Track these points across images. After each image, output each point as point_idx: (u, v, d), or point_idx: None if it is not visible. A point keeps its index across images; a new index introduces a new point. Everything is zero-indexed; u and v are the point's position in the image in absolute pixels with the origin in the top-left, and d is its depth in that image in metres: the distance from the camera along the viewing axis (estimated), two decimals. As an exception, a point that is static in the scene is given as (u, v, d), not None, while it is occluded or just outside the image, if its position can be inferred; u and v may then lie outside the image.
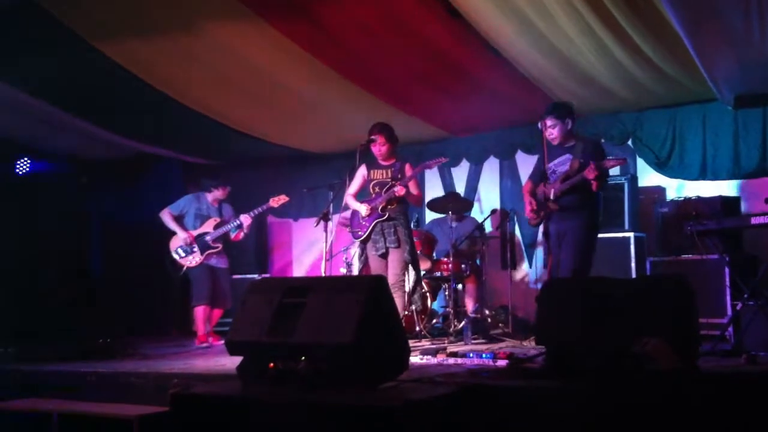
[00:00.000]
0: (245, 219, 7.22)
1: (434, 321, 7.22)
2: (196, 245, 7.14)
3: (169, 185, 9.10)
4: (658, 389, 3.20)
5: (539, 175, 5.83)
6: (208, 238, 7.19)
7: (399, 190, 6.00)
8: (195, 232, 7.18)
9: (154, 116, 7.52)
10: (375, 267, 6.24)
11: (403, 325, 4.67)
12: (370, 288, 3.48)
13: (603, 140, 7.06)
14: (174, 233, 7.20)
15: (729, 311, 5.61)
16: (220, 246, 7.26)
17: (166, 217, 7.24)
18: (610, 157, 5.47)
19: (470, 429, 3.34)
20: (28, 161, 8.67)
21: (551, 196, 5.51)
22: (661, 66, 6.02)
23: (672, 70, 6.11)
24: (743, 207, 6.75)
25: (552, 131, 5.58)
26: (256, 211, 7.29)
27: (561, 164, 5.60)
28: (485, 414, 3.35)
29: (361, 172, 6.38)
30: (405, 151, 6.66)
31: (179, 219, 7.26)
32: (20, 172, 8.66)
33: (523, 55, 6.04)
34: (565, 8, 5.13)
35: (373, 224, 6.16)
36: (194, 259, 7.13)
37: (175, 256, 7.17)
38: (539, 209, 5.66)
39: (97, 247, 9.48)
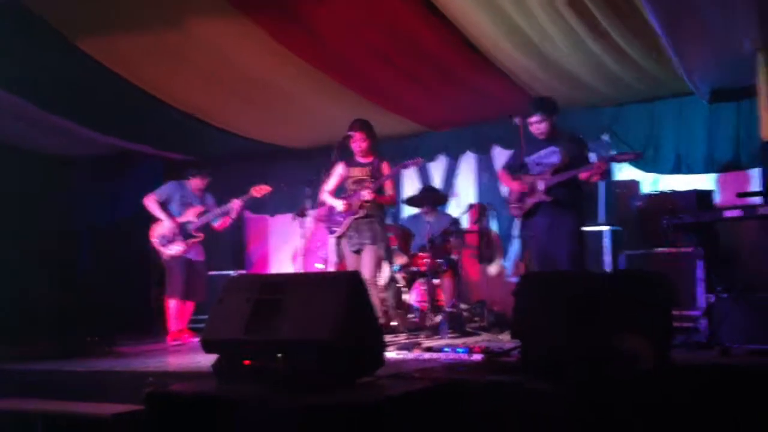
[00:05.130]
0: (236, 204, 7.00)
1: (410, 316, 7.22)
2: (179, 233, 6.96)
3: (151, 183, 8.98)
4: (637, 384, 3.22)
5: (517, 167, 5.86)
6: (191, 226, 7.00)
7: (366, 195, 5.99)
8: (179, 220, 6.99)
9: (134, 113, 7.41)
10: (350, 263, 6.22)
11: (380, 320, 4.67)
12: (348, 283, 3.47)
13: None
14: (157, 220, 6.99)
15: (702, 303, 5.65)
16: (202, 236, 7.06)
17: (152, 203, 7.01)
18: (625, 151, 5.59)
19: (448, 424, 3.34)
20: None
21: (542, 188, 5.54)
22: (638, 61, 6.05)
23: (648, 64, 6.15)
24: (717, 200, 6.80)
25: (540, 126, 5.65)
26: (243, 199, 7.04)
27: (547, 156, 5.66)
28: (462, 409, 3.35)
29: (339, 170, 6.36)
30: (382, 146, 6.64)
31: (164, 205, 7.05)
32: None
33: (500, 49, 6.04)
34: (543, 4, 5.15)
35: (349, 221, 6.15)
36: (176, 248, 6.93)
37: (157, 245, 6.96)
38: (523, 199, 5.69)
39: (81, 246, 9.36)
